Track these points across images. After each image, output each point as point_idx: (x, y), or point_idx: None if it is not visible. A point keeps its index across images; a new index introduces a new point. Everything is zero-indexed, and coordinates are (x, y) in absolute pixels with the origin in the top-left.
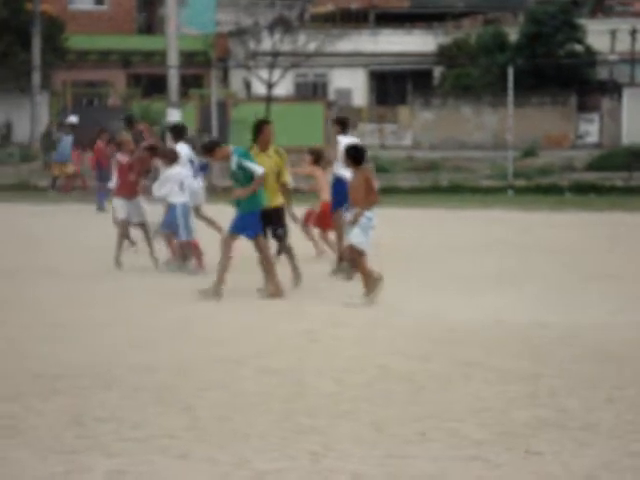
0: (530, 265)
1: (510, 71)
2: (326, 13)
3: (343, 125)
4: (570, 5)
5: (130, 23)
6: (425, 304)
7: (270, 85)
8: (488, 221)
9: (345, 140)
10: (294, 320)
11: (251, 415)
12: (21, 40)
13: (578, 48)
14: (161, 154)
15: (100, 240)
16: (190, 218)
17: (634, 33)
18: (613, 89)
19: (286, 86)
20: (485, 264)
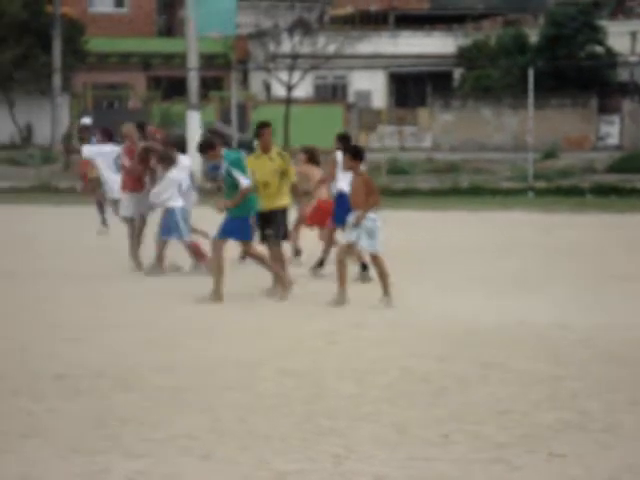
0: (550, 267)
1: (530, 73)
2: (345, 15)
3: (344, 141)
4: (591, 6)
5: (150, 25)
6: (446, 306)
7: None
8: (508, 223)
9: (340, 155)
10: (313, 322)
11: (271, 416)
12: (42, 42)
13: (599, 50)
14: (157, 156)
15: (119, 242)
16: (189, 221)
17: None
18: (634, 91)
19: (306, 88)
20: (505, 266)
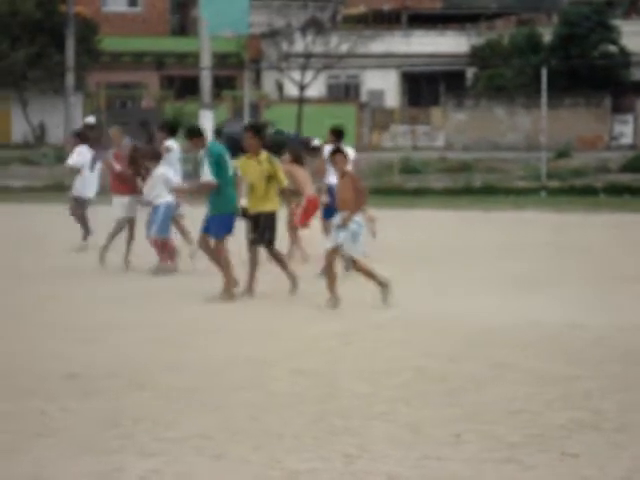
0: (564, 266)
1: (544, 72)
2: (358, 14)
3: (337, 135)
4: (604, 6)
5: (164, 25)
6: (459, 305)
7: (302, 86)
8: (521, 222)
9: (329, 148)
10: (325, 322)
11: (284, 416)
12: (55, 42)
13: (612, 49)
14: (142, 154)
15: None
16: (169, 218)
17: None
18: None
19: (318, 87)
20: (518, 265)
